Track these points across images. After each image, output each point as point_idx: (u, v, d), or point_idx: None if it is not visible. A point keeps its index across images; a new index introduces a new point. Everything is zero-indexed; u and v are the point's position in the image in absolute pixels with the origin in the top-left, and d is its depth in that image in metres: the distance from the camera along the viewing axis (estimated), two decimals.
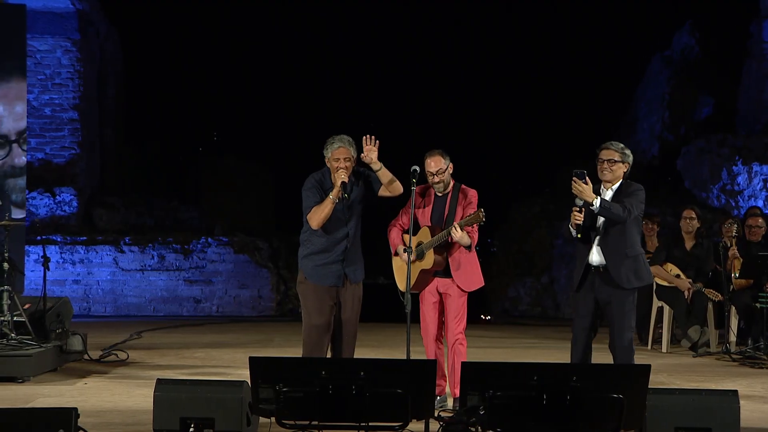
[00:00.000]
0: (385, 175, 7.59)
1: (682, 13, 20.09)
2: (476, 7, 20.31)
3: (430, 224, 7.69)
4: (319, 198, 7.61)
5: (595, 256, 7.47)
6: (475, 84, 20.56)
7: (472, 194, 7.79)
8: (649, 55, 20.40)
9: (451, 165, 7.76)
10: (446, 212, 7.71)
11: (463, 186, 7.85)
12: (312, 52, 20.55)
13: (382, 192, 7.69)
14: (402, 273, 7.61)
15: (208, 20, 20.10)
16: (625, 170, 7.50)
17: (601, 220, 7.40)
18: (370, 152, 7.51)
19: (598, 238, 7.44)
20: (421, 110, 20.07)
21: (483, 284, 7.85)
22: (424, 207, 7.77)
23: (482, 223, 7.51)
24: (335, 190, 7.49)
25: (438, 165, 7.68)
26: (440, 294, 7.77)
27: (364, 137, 7.58)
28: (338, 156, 7.58)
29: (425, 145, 7.89)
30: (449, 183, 7.77)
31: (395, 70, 20.32)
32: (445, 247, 7.64)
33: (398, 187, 7.63)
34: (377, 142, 7.51)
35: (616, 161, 7.46)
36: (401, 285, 7.67)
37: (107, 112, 19.41)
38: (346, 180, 7.52)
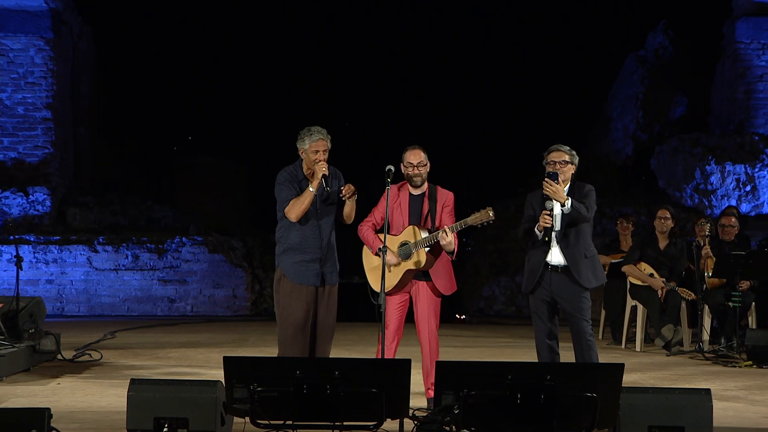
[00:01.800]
0: (350, 205, 7.66)
1: (656, 13, 20.19)
2: (452, 9, 20.34)
3: (407, 224, 7.62)
4: (295, 191, 7.58)
5: (555, 257, 7.51)
6: (451, 85, 20.60)
7: (450, 197, 7.78)
8: (624, 54, 20.49)
9: (429, 165, 7.74)
10: (424, 212, 7.67)
11: (439, 187, 7.83)
12: (286, 51, 20.53)
13: (338, 215, 7.76)
14: (377, 273, 7.57)
15: (182, 19, 20.06)
16: (573, 171, 7.55)
17: (559, 221, 7.46)
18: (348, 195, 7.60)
19: (557, 239, 7.49)
20: (397, 110, 20.08)
21: (456, 289, 7.84)
22: (400, 206, 7.72)
23: (491, 222, 7.48)
24: (315, 182, 7.46)
25: (419, 158, 7.65)
26: (410, 296, 7.73)
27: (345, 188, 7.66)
28: (317, 148, 7.55)
29: (401, 145, 7.87)
30: (425, 180, 7.73)
31: (372, 69, 20.33)
32: (432, 249, 7.61)
33: (351, 219, 7.71)
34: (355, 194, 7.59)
35: (566, 162, 7.52)
36: (375, 284, 7.62)
37: (81, 111, 19.34)
38: (327, 173, 7.51)
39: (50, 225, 17.64)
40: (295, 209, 7.52)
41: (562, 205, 7.33)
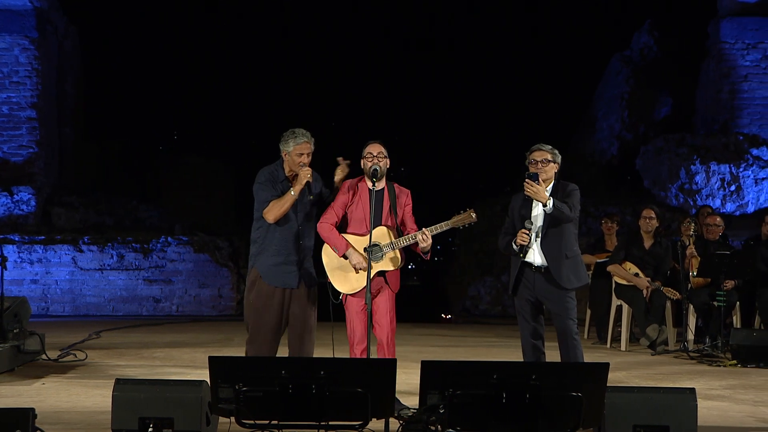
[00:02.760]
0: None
1: (641, 13, 20.24)
2: (439, 10, 20.36)
3: (368, 219, 7.48)
4: (275, 192, 7.55)
5: (536, 257, 7.53)
6: (437, 85, 20.62)
7: (408, 194, 7.74)
8: (609, 54, 20.53)
9: (389, 161, 7.66)
10: (386, 207, 7.60)
11: (396, 184, 7.78)
12: (273, 51, 20.52)
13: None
14: (341, 273, 7.53)
15: (168, 19, 20.03)
16: (556, 170, 7.55)
17: (540, 221, 7.47)
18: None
19: (539, 239, 7.50)
20: (382, 110, 20.09)
21: (398, 288, 7.73)
22: (360, 200, 7.61)
23: (473, 224, 7.49)
24: (298, 187, 7.43)
25: (378, 149, 7.59)
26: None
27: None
28: (302, 151, 7.53)
29: (387, 144, 7.83)
30: (384, 174, 7.64)
31: (359, 69, 20.34)
32: (401, 249, 7.57)
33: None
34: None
35: (549, 161, 7.52)
36: (341, 286, 7.54)
37: (66, 111, 19.28)
38: (311, 180, 7.49)
39: (35, 225, 17.58)
40: (274, 211, 7.48)
41: (544, 206, 7.34)
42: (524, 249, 7.50)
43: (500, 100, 20.09)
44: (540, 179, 7.36)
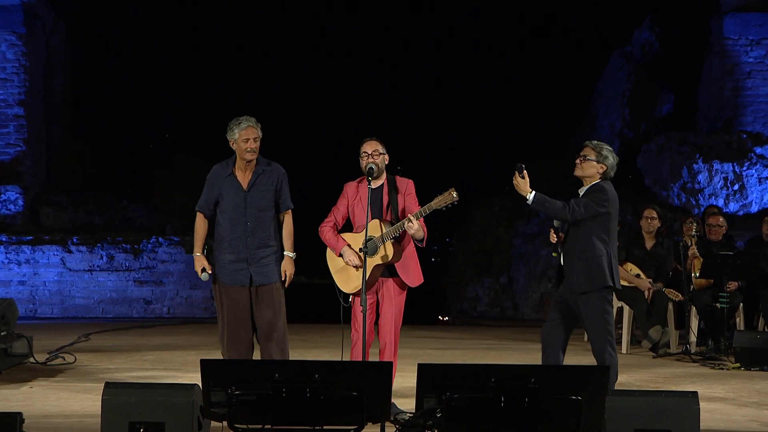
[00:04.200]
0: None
1: (643, 9, 20.23)
2: (437, 5, 20.36)
3: (371, 219, 7.47)
4: (211, 196, 7.76)
5: (562, 259, 7.57)
6: (435, 83, 20.61)
7: (410, 183, 7.70)
8: (609, 50, 20.53)
9: (387, 156, 7.65)
10: (385, 203, 7.59)
11: (397, 176, 7.76)
12: (266, 48, 20.50)
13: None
14: (344, 274, 7.53)
15: (158, 15, 20.00)
16: (600, 171, 7.48)
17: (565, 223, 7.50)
18: None
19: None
20: (378, 107, 20.07)
21: (423, 281, 7.75)
22: (361, 201, 7.59)
23: (455, 204, 7.38)
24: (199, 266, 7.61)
25: (374, 147, 7.57)
26: (376, 294, 7.62)
27: None
28: (247, 136, 7.55)
29: (384, 140, 7.81)
30: (383, 172, 7.63)
31: (353, 65, 20.33)
32: (399, 240, 7.53)
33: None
34: None
35: (588, 159, 7.48)
36: (345, 287, 7.55)
37: (55, 108, 19.26)
38: (209, 273, 7.61)
39: (23, 225, 17.56)
40: (195, 228, 7.71)
41: (526, 199, 7.35)
42: (555, 247, 7.55)
43: (499, 98, 20.09)
44: (524, 172, 7.31)
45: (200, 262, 7.74)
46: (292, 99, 19.52)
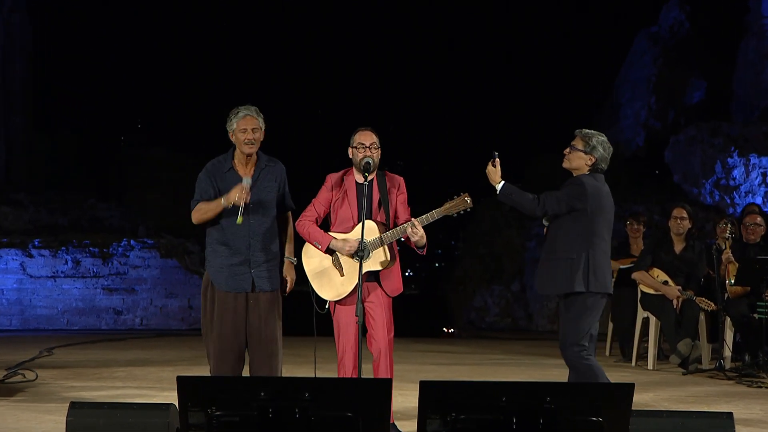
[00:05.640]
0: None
1: None
2: None
3: (356, 216, 7.41)
4: (209, 190, 7.54)
5: None
6: (441, 73, 20.65)
7: (402, 182, 7.66)
8: (634, 31, 20.56)
9: (379, 151, 7.61)
10: (375, 201, 7.54)
11: (388, 172, 7.72)
12: (252, 33, 20.53)
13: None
14: (324, 278, 7.48)
15: None
16: (588, 163, 7.48)
17: None
18: None
19: None
20: (376, 98, 20.11)
21: (402, 290, 7.73)
22: (347, 196, 7.54)
23: (468, 210, 7.36)
24: (231, 195, 7.36)
25: (372, 139, 7.54)
26: (363, 303, 7.53)
27: None
28: (245, 126, 7.50)
29: (385, 138, 7.80)
30: (377, 167, 7.57)
31: (353, 53, 20.37)
32: (391, 245, 7.48)
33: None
34: None
35: (576, 149, 7.48)
36: (325, 292, 7.50)
37: (14, 96, 19.26)
38: (248, 200, 7.38)
39: None
40: (196, 216, 7.51)
41: (494, 189, 7.39)
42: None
43: (512, 86, 20.15)
44: (496, 161, 7.35)
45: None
46: (280, 85, 19.54)
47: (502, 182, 7.33)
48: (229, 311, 7.52)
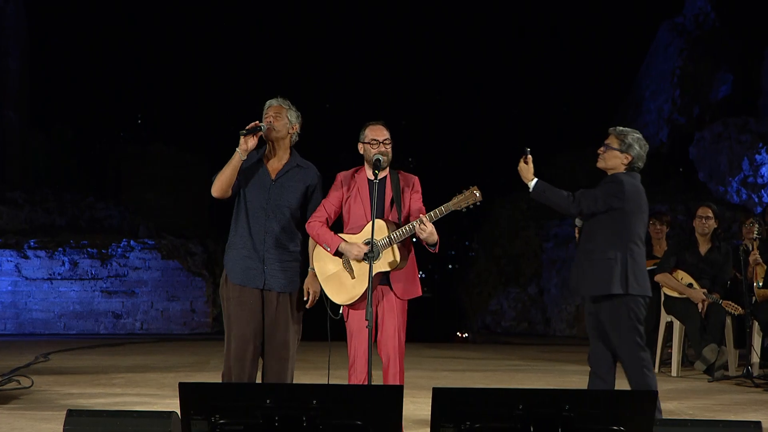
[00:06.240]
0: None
1: None
2: None
3: (369, 215, 7.39)
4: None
5: None
6: (459, 64, 20.66)
7: (416, 180, 7.65)
8: (657, 22, 20.53)
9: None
10: (388, 200, 7.53)
11: (401, 171, 7.71)
12: (254, 22, 20.55)
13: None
14: (336, 282, 7.47)
15: None
16: (625, 162, 7.50)
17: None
18: None
19: None
20: (389, 96, 20.13)
21: (421, 294, 7.73)
22: (359, 194, 7.52)
23: (478, 204, 7.33)
24: (251, 143, 7.36)
25: (385, 134, 7.53)
26: (375, 307, 7.51)
27: None
28: (268, 113, 7.54)
29: (396, 134, 7.79)
30: (390, 163, 7.56)
31: (357, 50, 20.37)
32: (404, 243, 7.46)
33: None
34: None
35: (611, 148, 7.51)
36: (336, 296, 7.48)
37: (9, 91, 19.30)
38: (257, 134, 7.41)
39: None
40: (216, 181, 7.51)
41: (527, 187, 7.42)
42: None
43: (530, 79, 20.12)
44: (528, 157, 7.38)
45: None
46: (285, 79, 19.56)
47: (535, 179, 7.35)
48: (245, 307, 7.52)
